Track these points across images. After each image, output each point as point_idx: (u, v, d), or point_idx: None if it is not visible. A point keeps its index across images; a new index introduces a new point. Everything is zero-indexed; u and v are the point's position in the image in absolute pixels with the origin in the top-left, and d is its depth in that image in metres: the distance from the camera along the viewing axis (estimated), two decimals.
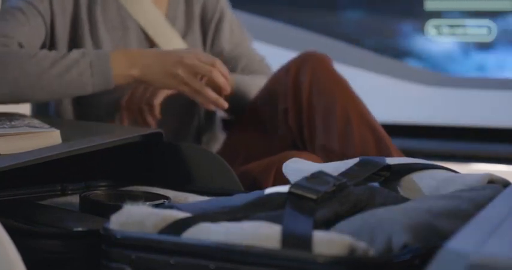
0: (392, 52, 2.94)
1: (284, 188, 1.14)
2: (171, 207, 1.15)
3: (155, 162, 1.58)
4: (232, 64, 1.96)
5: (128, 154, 1.57)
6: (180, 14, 1.93)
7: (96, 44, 1.81)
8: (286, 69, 1.81)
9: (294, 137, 1.78)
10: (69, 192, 1.49)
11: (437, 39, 2.90)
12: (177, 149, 1.55)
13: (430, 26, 2.88)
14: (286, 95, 1.78)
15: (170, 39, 1.87)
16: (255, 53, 2.03)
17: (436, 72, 2.90)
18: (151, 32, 1.86)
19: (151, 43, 1.87)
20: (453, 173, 1.32)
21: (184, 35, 1.92)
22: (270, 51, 2.18)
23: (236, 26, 2.02)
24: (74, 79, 1.63)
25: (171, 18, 1.91)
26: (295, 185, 1.10)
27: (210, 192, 1.47)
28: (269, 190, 1.19)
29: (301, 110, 1.76)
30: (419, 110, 2.94)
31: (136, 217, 1.08)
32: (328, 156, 1.70)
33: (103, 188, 1.52)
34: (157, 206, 1.26)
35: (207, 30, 1.97)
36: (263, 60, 2.04)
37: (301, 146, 1.78)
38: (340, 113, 1.72)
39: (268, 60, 2.05)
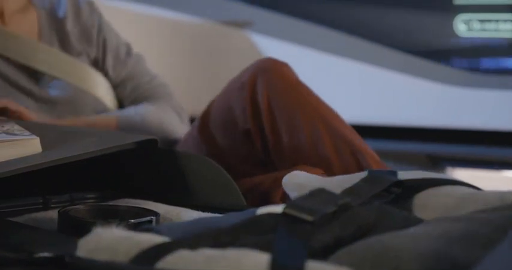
0: (419, 49, 2.79)
1: (279, 208, 1.01)
2: (149, 230, 1.02)
3: (148, 172, 1.45)
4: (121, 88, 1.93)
5: (120, 163, 1.45)
6: (53, 37, 1.85)
7: None
8: (241, 84, 1.68)
9: (260, 159, 1.65)
10: (52, 205, 1.37)
11: (467, 35, 2.74)
12: (173, 158, 1.43)
13: (460, 21, 2.73)
14: (246, 114, 1.65)
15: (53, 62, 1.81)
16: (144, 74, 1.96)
17: (465, 71, 2.75)
18: (24, 61, 1.79)
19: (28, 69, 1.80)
20: (474, 190, 1.19)
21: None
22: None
23: (121, 49, 1.94)
24: None
25: (47, 42, 1.84)
26: (290, 205, 0.99)
27: (206, 207, 1.35)
28: (261, 210, 1.06)
29: (264, 131, 1.63)
30: (447, 112, 2.79)
31: (107, 242, 0.96)
32: None
33: (90, 201, 1.40)
34: (142, 224, 1.15)
35: (93, 48, 1.90)
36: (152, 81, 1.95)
37: (271, 168, 1.64)
38: (307, 130, 1.58)
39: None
